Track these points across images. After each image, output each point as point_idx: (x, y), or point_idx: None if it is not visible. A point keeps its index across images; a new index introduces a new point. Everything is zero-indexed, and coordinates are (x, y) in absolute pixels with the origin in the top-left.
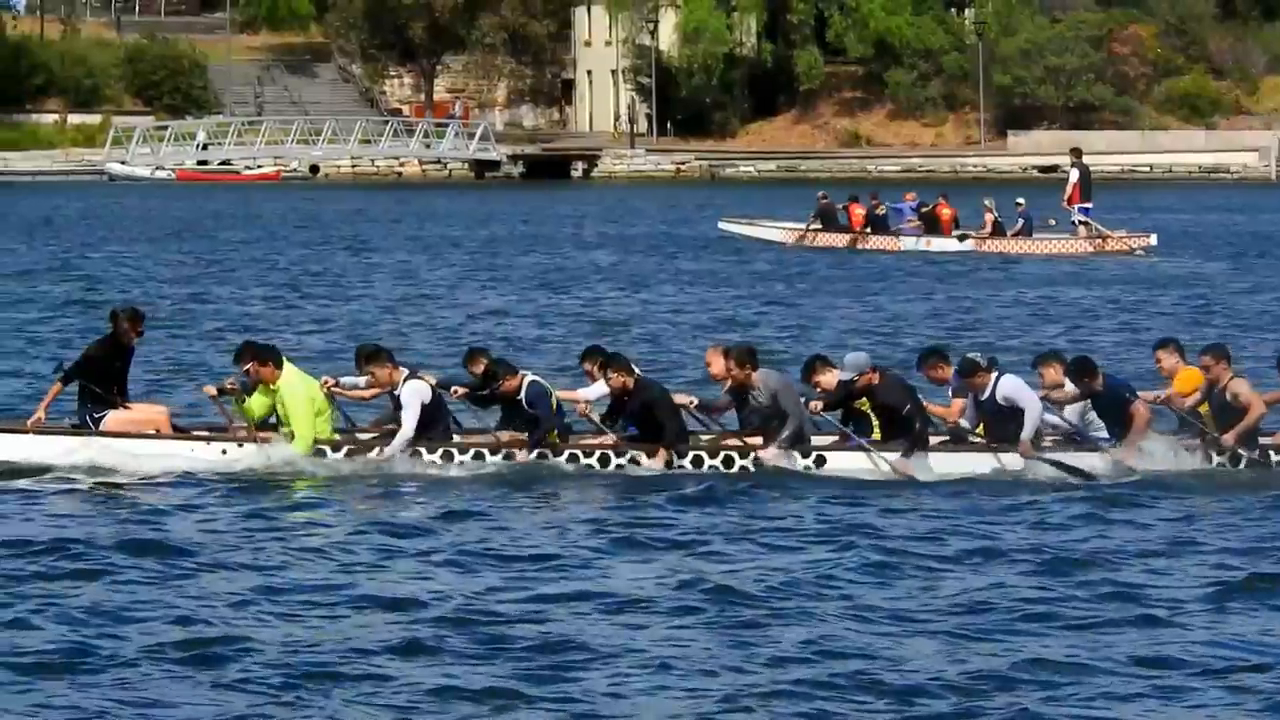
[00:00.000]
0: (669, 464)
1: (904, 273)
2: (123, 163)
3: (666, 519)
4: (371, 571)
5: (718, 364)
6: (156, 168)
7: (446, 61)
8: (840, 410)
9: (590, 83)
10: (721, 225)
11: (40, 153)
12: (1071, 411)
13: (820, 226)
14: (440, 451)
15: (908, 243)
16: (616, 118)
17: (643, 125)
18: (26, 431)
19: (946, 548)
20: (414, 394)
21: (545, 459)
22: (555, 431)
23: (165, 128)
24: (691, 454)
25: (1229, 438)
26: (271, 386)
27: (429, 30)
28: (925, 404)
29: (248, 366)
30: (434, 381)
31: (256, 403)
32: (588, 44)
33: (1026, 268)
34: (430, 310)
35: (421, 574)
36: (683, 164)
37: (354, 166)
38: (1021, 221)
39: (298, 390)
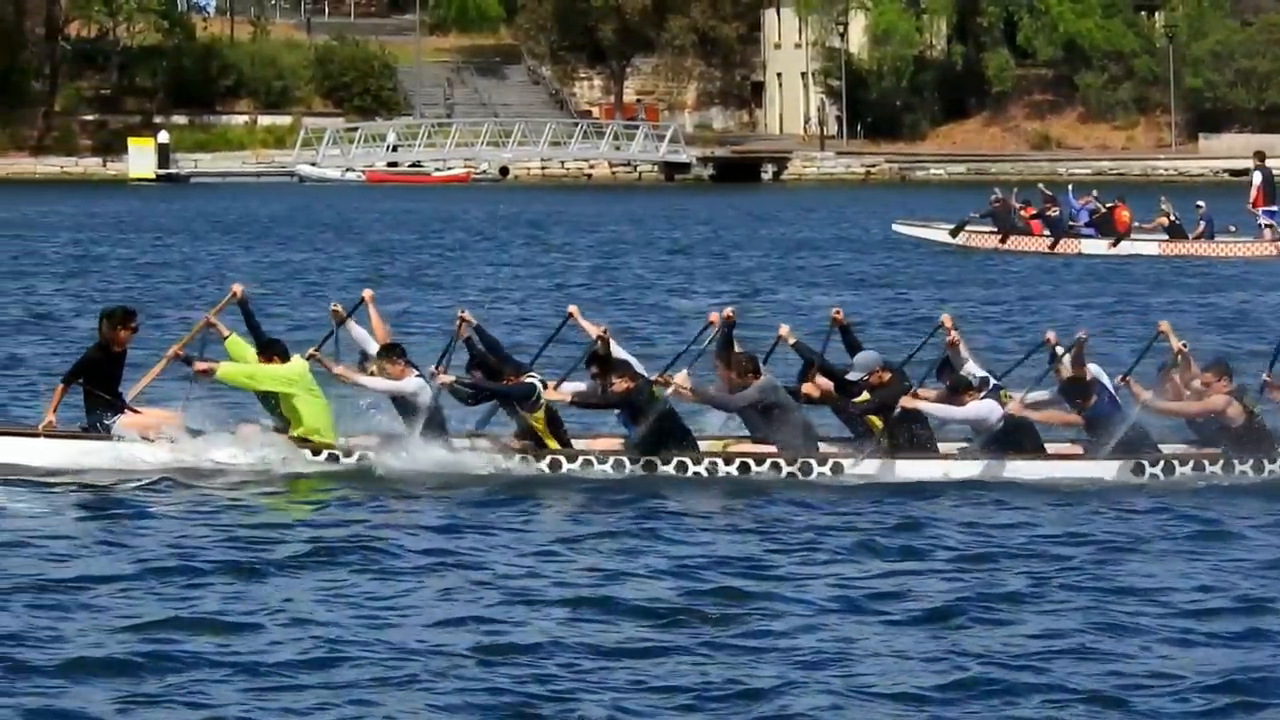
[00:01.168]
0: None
1: (1081, 274)
2: (313, 164)
3: (673, 525)
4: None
5: (722, 371)
6: (346, 169)
7: (636, 64)
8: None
9: (780, 85)
10: (896, 228)
11: (231, 154)
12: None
13: (994, 228)
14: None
15: (1085, 245)
16: (806, 120)
17: (832, 128)
18: (38, 435)
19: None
20: (416, 383)
21: (558, 468)
22: (551, 435)
23: (355, 129)
24: (707, 460)
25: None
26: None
27: (619, 32)
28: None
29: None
30: (451, 379)
31: (243, 351)
32: (777, 46)
33: (1208, 270)
34: (612, 312)
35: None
36: (872, 166)
37: (543, 168)
38: (1203, 224)
39: (287, 370)
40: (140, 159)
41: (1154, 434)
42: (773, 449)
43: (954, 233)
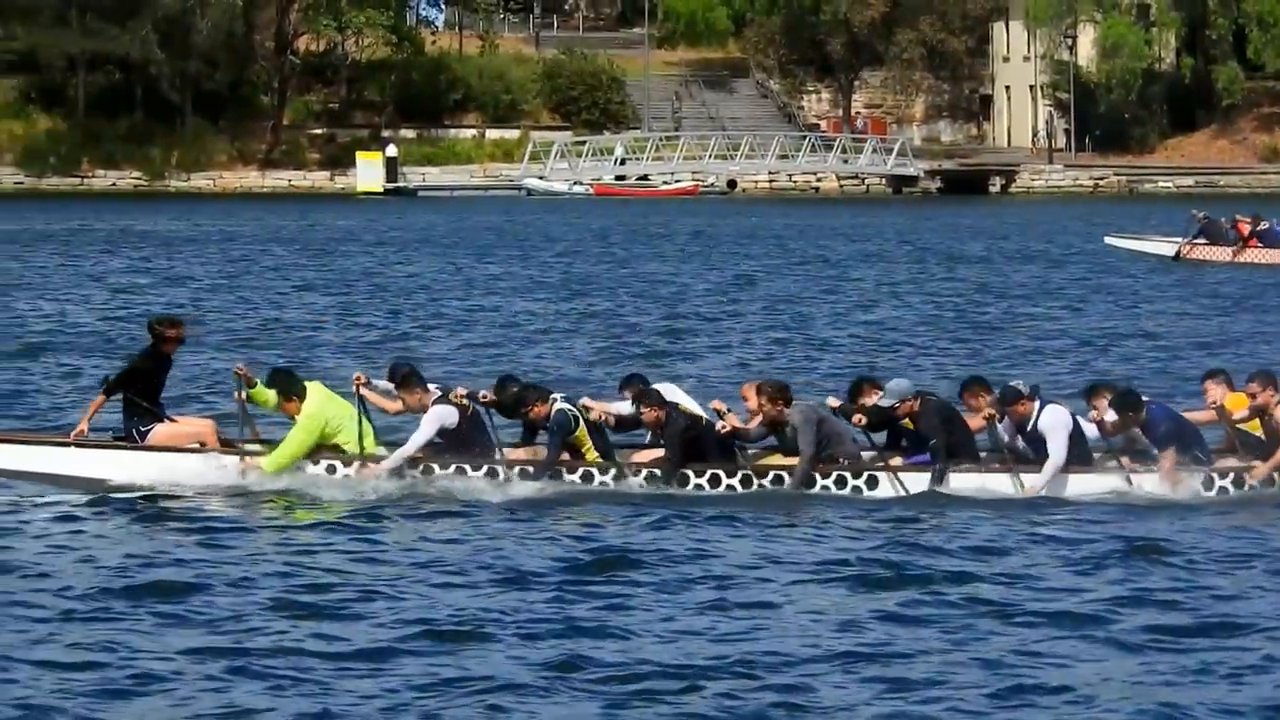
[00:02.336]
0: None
1: None
2: (540, 178)
3: (695, 542)
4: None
5: (752, 399)
6: (574, 183)
7: (864, 77)
8: (885, 431)
9: (1008, 98)
10: (1108, 240)
11: (459, 167)
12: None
13: (1205, 241)
14: (485, 469)
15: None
16: (1034, 133)
17: (1060, 140)
18: (69, 444)
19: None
20: (434, 417)
21: (590, 480)
22: (594, 452)
23: (583, 143)
24: (740, 474)
25: (1259, 471)
26: (294, 419)
27: (847, 45)
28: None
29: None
30: (464, 394)
31: (271, 397)
32: (1006, 59)
33: None
34: (836, 323)
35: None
36: (1100, 179)
37: (771, 181)
38: None
39: (310, 411)
40: (368, 172)
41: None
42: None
43: (1176, 259)
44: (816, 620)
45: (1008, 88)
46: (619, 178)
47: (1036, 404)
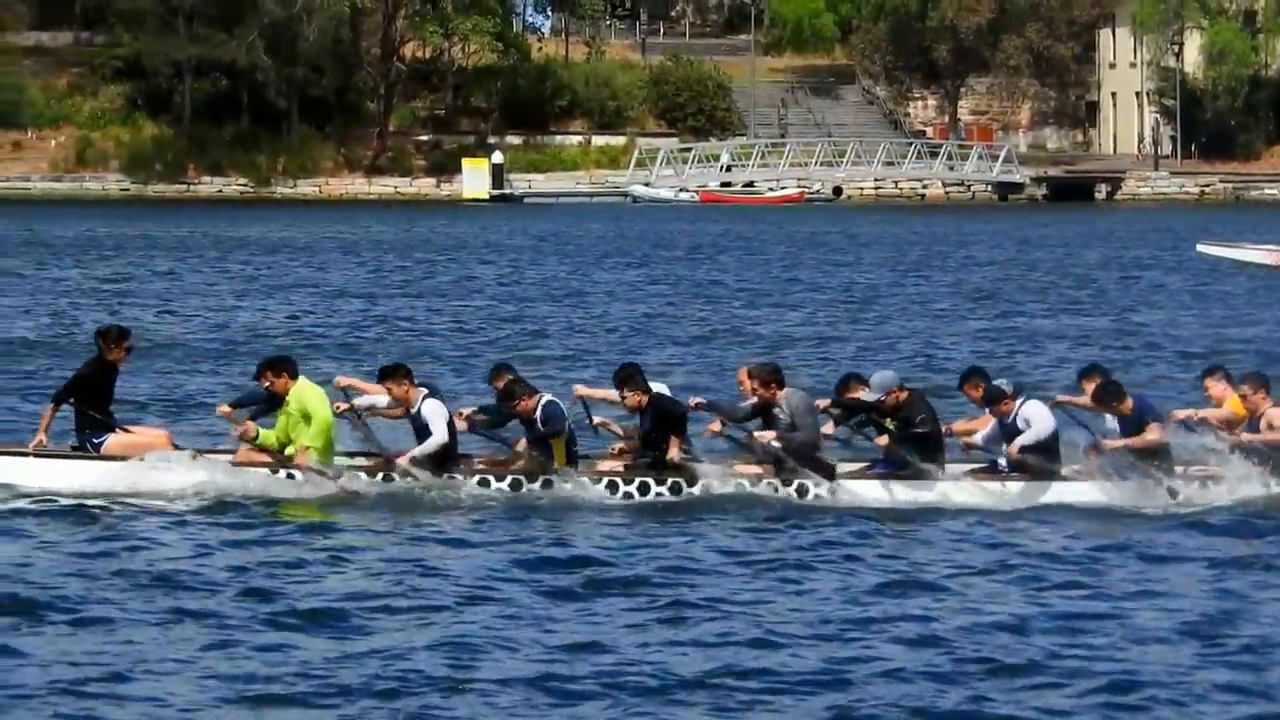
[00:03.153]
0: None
1: None
2: (646, 184)
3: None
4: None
5: (746, 382)
6: (680, 189)
7: (970, 83)
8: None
9: (1114, 105)
10: (1200, 249)
11: (565, 174)
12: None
13: None
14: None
15: None
16: (1140, 140)
17: (1166, 147)
18: (28, 454)
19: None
20: (436, 411)
21: (551, 487)
22: (564, 454)
23: (689, 149)
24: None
25: (1248, 437)
26: (286, 398)
27: (953, 52)
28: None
29: (266, 384)
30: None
31: (271, 435)
32: (1112, 66)
33: None
34: (931, 333)
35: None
36: (1206, 186)
37: (876, 188)
38: None
39: (313, 393)
40: (474, 179)
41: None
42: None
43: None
44: (782, 624)
45: (1114, 94)
46: (724, 184)
47: (1018, 403)
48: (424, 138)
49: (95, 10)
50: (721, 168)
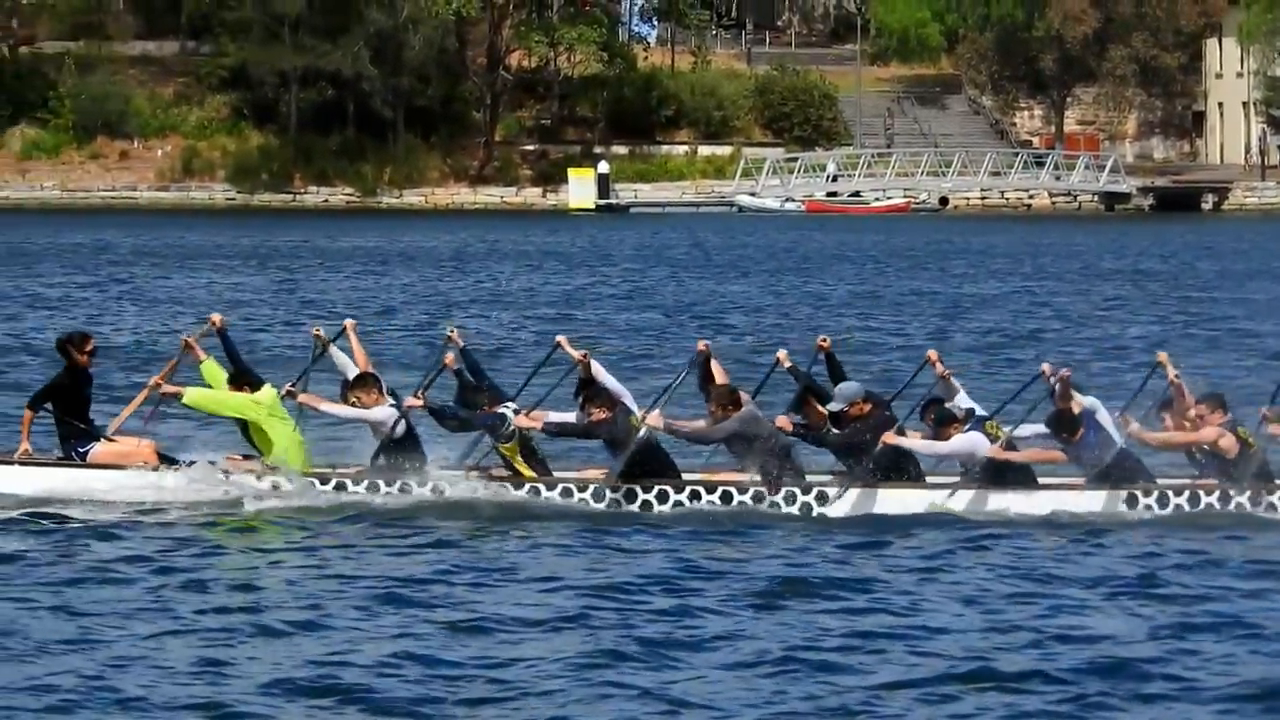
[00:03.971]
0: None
1: None
2: (752, 194)
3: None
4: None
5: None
6: (786, 199)
7: (1077, 93)
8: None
9: (1221, 114)
10: None
11: (670, 184)
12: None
13: None
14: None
15: None
16: (1247, 150)
17: (1274, 157)
18: (13, 463)
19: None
20: (377, 413)
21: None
22: (526, 465)
23: (795, 159)
24: (688, 489)
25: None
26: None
27: (1059, 62)
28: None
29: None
30: (419, 403)
31: (216, 374)
32: (1219, 75)
33: None
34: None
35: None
36: None
37: (983, 198)
38: None
39: (257, 398)
40: (580, 189)
41: (1149, 467)
42: (755, 478)
43: None
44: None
45: (1220, 104)
46: (831, 194)
47: (965, 428)
48: (530, 147)
49: (201, 20)
50: (827, 177)
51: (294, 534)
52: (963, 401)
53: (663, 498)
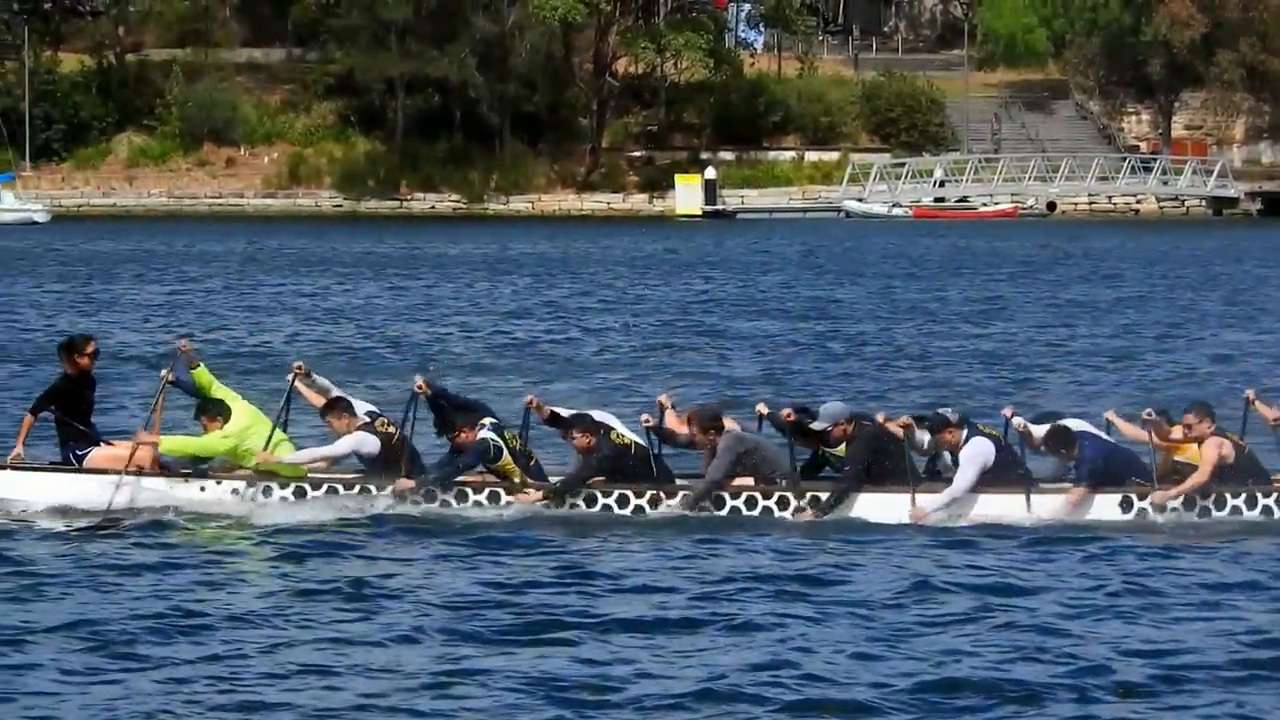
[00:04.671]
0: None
1: None
2: (859, 199)
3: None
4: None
5: (684, 430)
6: (893, 204)
7: (1184, 98)
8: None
9: None
10: None
11: (777, 190)
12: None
13: None
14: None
15: None
16: None
17: None
18: (5, 467)
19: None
20: (352, 440)
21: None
22: (521, 473)
23: (902, 164)
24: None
25: (1159, 496)
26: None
27: (1167, 67)
28: None
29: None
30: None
31: (207, 381)
32: None
33: None
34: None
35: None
36: None
37: (1090, 204)
38: None
39: (231, 431)
40: (687, 195)
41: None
42: (749, 483)
43: None
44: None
45: None
46: (938, 200)
47: (964, 432)
48: (636, 154)
49: (308, 27)
50: (935, 183)
51: (276, 544)
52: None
53: (655, 504)
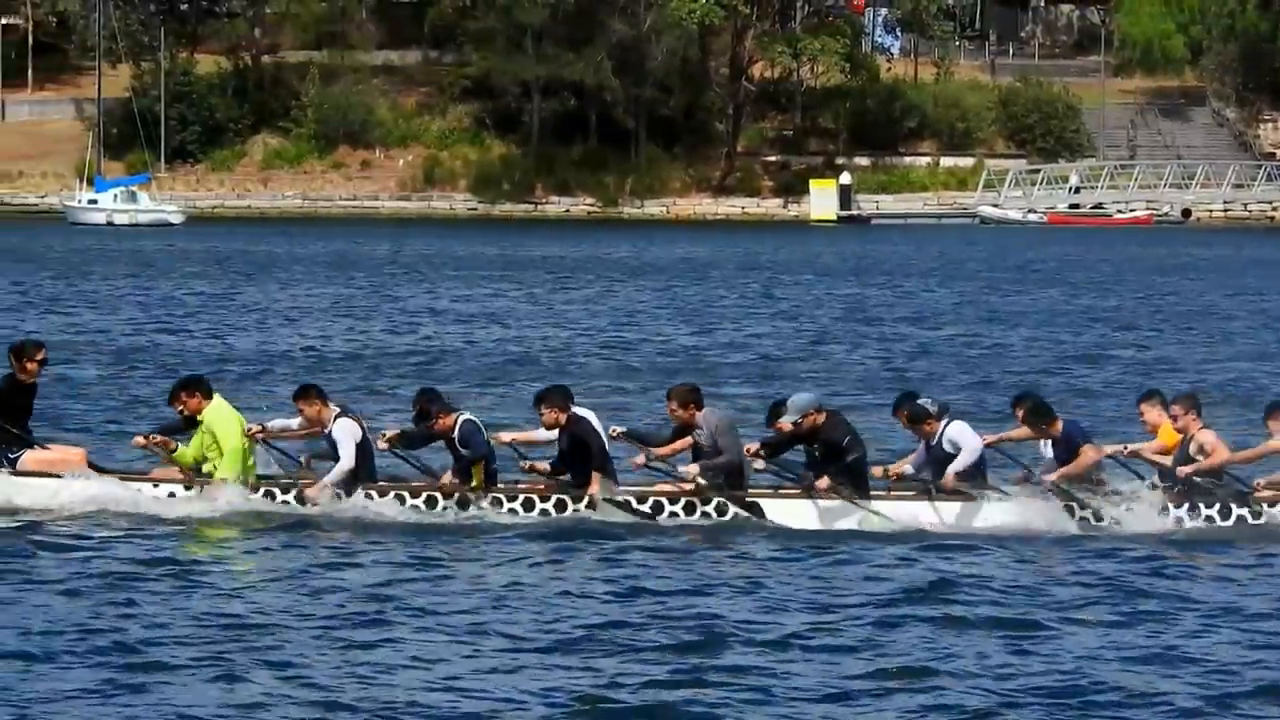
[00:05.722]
0: (593, 502)
1: None
2: (995, 205)
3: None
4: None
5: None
6: (1028, 210)
7: None
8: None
9: None
10: None
11: (912, 195)
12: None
13: None
14: (365, 493)
15: None
16: None
17: None
18: None
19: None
20: (346, 432)
21: (466, 507)
22: (484, 472)
23: (1038, 171)
24: (652, 499)
25: (1184, 470)
26: (199, 418)
27: None
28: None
29: (180, 407)
30: (365, 425)
31: (188, 452)
32: None
33: None
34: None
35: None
36: None
37: (1225, 211)
38: None
39: (225, 416)
40: (822, 200)
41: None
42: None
43: None
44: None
45: None
46: (1073, 206)
47: (942, 423)
48: (772, 158)
49: (444, 29)
50: (1070, 189)
51: (224, 546)
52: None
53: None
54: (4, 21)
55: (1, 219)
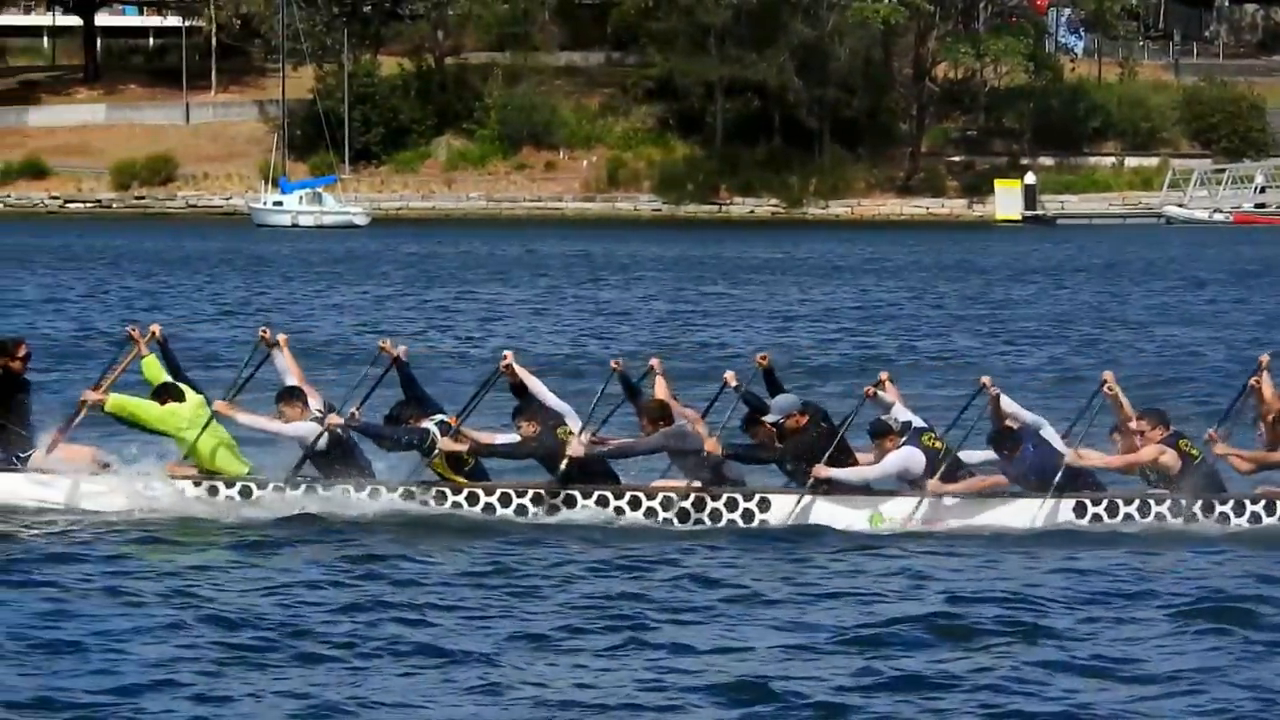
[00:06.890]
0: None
1: None
2: (1180, 205)
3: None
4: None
5: (660, 392)
6: (1214, 210)
7: None
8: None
9: None
10: None
11: (1096, 195)
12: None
13: None
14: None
15: None
16: None
17: None
18: None
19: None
20: (297, 428)
21: (460, 508)
22: (456, 474)
23: (1223, 170)
24: (629, 495)
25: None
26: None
27: None
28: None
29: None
30: (339, 421)
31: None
32: None
33: None
34: None
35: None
36: None
37: None
38: None
39: (175, 409)
40: (1007, 200)
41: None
42: (696, 485)
43: None
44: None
45: None
46: (1259, 206)
47: (903, 439)
48: (956, 159)
49: (627, 30)
50: (1255, 189)
51: (225, 539)
52: (901, 414)
53: (602, 503)
54: (188, 24)
55: (189, 220)
